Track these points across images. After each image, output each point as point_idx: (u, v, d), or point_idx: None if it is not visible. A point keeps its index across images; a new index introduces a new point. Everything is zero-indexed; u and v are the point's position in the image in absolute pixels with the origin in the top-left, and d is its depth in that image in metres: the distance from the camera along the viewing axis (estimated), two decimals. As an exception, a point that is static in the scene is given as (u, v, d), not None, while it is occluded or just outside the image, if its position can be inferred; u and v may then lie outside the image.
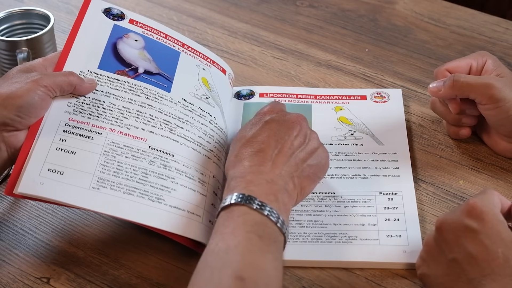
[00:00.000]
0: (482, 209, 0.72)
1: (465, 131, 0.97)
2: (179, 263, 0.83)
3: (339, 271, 0.83)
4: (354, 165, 0.94)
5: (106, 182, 0.81)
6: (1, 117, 0.80)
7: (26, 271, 0.83)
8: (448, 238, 0.73)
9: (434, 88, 0.95)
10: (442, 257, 0.74)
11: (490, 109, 0.92)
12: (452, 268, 0.72)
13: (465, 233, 0.72)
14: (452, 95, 0.94)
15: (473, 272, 0.71)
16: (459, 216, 0.73)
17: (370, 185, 0.91)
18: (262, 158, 0.82)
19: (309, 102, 1.03)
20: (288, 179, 0.81)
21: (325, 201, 0.89)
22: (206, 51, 1.02)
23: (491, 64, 0.95)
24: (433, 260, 0.75)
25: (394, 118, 1.01)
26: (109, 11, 0.96)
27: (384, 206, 0.88)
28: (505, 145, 0.95)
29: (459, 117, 0.96)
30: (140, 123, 0.87)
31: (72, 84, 0.85)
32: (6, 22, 1.05)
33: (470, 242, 0.72)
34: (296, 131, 0.85)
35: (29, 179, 0.80)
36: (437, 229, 0.75)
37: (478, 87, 0.91)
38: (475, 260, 0.71)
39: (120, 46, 0.94)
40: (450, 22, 1.21)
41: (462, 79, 0.92)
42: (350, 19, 1.23)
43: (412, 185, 0.91)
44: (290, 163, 0.82)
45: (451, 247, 0.73)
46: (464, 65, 0.96)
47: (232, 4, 1.25)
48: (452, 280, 0.72)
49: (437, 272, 0.74)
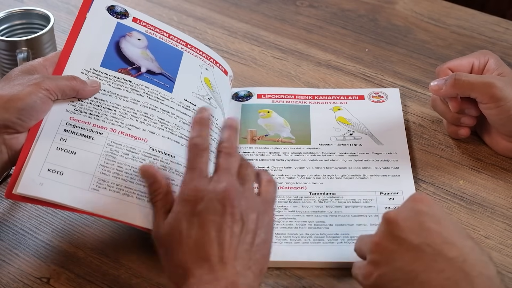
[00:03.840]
0: (429, 198, 0.75)
1: (464, 131, 0.97)
2: (179, 263, 0.83)
3: (339, 271, 0.83)
4: (354, 165, 0.94)
5: (105, 183, 0.81)
6: (3, 119, 0.80)
7: (26, 271, 0.83)
8: (408, 226, 0.72)
9: (435, 86, 0.95)
10: (403, 247, 0.72)
11: (491, 108, 0.92)
12: (422, 252, 0.71)
13: (427, 218, 0.72)
14: (453, 94, 0.94)
15: (451, 252, 0.70)
16: (411, 206, 0.74)
17: (370, 185, 0.91)
18: (209, 264, 0.70)
19: (307, 102, 1.03)
20: (246, 271, 0.72)
21: (326, 201, 0.89)
22: (209, 51, 1.01)
23: (493, 63, 0.95)
24: (392, 254, 0.72)
25: (392, 118, 1.01)
26: (113, 8, 0.96)
27: (385, 206, 0.89)
28: (505, 145, 0.95)
29: (458, 116, 0.96)
30: (141, 123, 0.87)
31: (75, 89, 0.85)
32: (6, 22, 1.05)
33: (435, 225, 0.72)
34: (229, 216, 0.72)
35: (28, 179, 0.79)
36: (391, 222, 0.73)
37: (480, 86, 0.91)
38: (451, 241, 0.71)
39: (123, 44, 0.93)
40: (450, 22, 1.21)
41: (464, 78, 0.92)
42: (350, 19, 1.23)
43: (412, 184, 0.92)
44: (240, 255, 0.72)
45: (416, 232, 0.71)
46: (466, 64, 0.96)
47: (232, 4, 1.25)
48: (425, 264, 0.70)
49: (402, 263, 0.71)
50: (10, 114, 0.80)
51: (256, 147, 0.97)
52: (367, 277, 0.74)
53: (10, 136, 0.81)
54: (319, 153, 0.96)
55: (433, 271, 0.70)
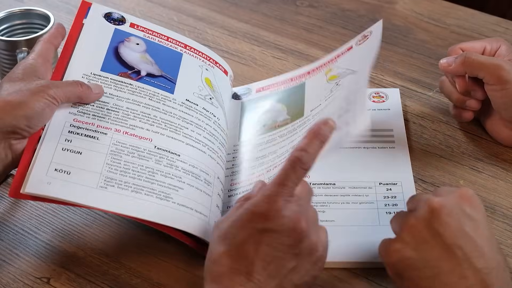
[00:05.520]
0: (477, 199, 0.74)
1: (468, 115, 0.98)
2: (180, 263, 0.83)
3: (339, 271, 0.83)
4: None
5: (113, 181, 0.81)
6: (11, 126, 0.80)
7: (26, 271, 0.83)
8: (448, 222, 0.72)
9: (444, 63, 0.96)
10: (435, 240, 0.72)
11: (496, 90, 0.93)
12: (452, 253, 0.71)
13: (468, 221, 0.72)
14: (461, 72, 0.95)
15: (479, 262, 0.70)
16: (458, 202, 0.73)
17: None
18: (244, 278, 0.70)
19: (303, 80, 1.01)
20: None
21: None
22: (209, 52, 1.02)
23: (505, 50, 0.97)
24: (423, 243, 0.72)
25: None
26: (110, 15, 0.97)
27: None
28: (507, 133, 0.96)
29: (464, 99, 0.97)
30: (145, 123, 0.87)
31: (81, 96, 0.85)
32: (6, 22, 1.05)
33: (473, 231, 0.72)
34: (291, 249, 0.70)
35: (36, 179, 0.79)
36: (434, 211, 0.72)
37: (488, 66, 0.93)
38: (481, 251, 0.71)
39: (122, 50, 0.94)
40: (450, 22, 1.21)
41: (474, 57, 0.94)
42: (350, 19, 1.23)
43: (412, 186, 0.92)
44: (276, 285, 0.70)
45: (453, 232, 0.72)
46: (479, 47, 0.98)
47: (232, 4, 1.25)
48: (451, 266, 0.71)
49: (430, 256, 0.72)
50: (18, 121, 0.80)
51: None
52: (392, 253, 0.74)
53: (16, 142, 0.82)
54: (310, 120, 0.94)
55: (457, 275, 0.70)
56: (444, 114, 1.03)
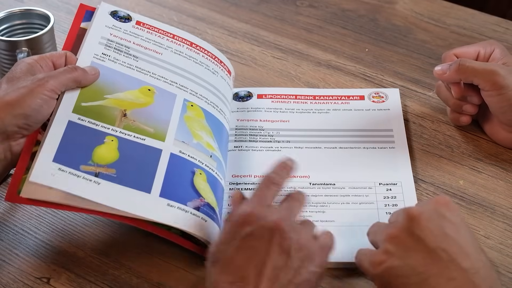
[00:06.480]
0: (453, 204, 0.75)
1: (465, 119, 0.98)
2: (180, 263, 0.83)
3: (339, 271, 0.83)
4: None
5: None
6: (11, 126, 0.80)
7: (26, 271, 0.83)
8: (429, 227, 0.72)
9: (439, 70, 0.96)
10: (419, 246, 0.72)
11: (492, 96, 0.92)
12: (437, 257, 0.71)
13: (448, 224, 0.72)
14: (456, 79, 0.95)
15: (465, 263, 0.70)
16: (435, 208, 0.74)
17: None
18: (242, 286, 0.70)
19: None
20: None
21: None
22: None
23: (499, 53, 0.96)
24: (408, 250, 0.72)
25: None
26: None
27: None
28: (505, 135, 0.96)
29: (460, 103, 0.97)
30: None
31: (77, 80, 0.86)
32: (6, 22, 1.05)
33: (455, 233, 0.72)
34: (275, 246, 0.71)
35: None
36: (413, 218, 0.73)
37: (483, 72, 0.92)
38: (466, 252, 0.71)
39: None
40: (450, 22, 1.21)
41: (468, 64, 0.94)
42: (350, 19, 1.23)
43: (412, 186, 0.92)
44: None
45: (435, 235, 0.71)
46: (472, 52, 0.97)
47: (232, 4, 1.25)
48: (438, 269, 0.70)
49: (415, 262, 0.71)
50: (17, 120, 0.80)
51: None
52: (377, 265, 0.73)
53: (16, 142, 0.82)
54: None
55: (445, 277, 0.70)
56: (444, 114, 1.03)
